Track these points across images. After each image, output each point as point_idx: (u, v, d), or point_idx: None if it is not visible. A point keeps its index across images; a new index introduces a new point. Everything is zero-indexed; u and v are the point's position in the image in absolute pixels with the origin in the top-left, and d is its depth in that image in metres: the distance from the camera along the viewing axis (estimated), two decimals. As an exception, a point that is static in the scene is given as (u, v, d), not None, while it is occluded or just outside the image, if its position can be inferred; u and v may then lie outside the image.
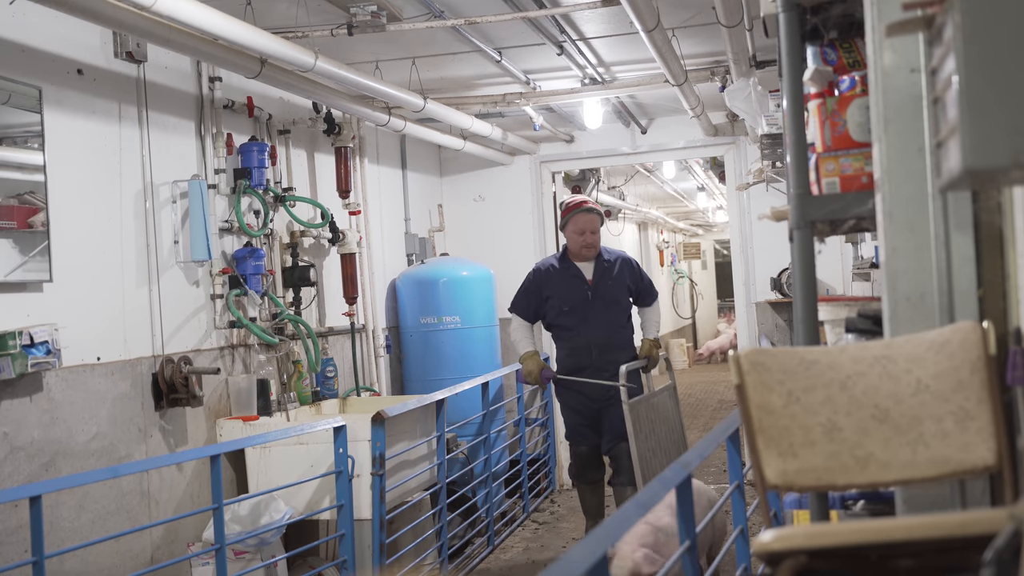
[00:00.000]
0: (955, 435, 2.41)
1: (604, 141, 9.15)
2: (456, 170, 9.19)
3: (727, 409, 12.05)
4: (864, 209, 2.73)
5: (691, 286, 21.68)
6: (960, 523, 2.10)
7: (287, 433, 5.05)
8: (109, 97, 4.85)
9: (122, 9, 4.03)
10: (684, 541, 2.76)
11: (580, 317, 6.31)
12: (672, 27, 5.87)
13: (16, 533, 4.08)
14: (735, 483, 3.49)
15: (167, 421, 5.09)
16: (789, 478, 2.48)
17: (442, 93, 7.37)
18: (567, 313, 6.33)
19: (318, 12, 5.29)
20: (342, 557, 5.07)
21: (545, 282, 6.41)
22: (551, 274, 6.42)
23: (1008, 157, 1.81)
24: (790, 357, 2.55)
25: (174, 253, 5.24)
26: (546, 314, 6.42)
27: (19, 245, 4.27)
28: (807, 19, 3.06)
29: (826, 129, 2.83)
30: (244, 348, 5.76)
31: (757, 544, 2.17)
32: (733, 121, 8.64)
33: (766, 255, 8.67)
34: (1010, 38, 1.82)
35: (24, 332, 4.07)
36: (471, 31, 5.83)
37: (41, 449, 4.28)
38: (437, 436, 6.11)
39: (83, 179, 4.66)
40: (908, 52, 2.55)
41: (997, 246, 2.52)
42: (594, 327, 6.30)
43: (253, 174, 5.71)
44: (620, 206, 13.24)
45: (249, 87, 5.84)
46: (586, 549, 1.95)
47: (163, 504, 5.01)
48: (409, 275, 7.80)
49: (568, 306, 6.32)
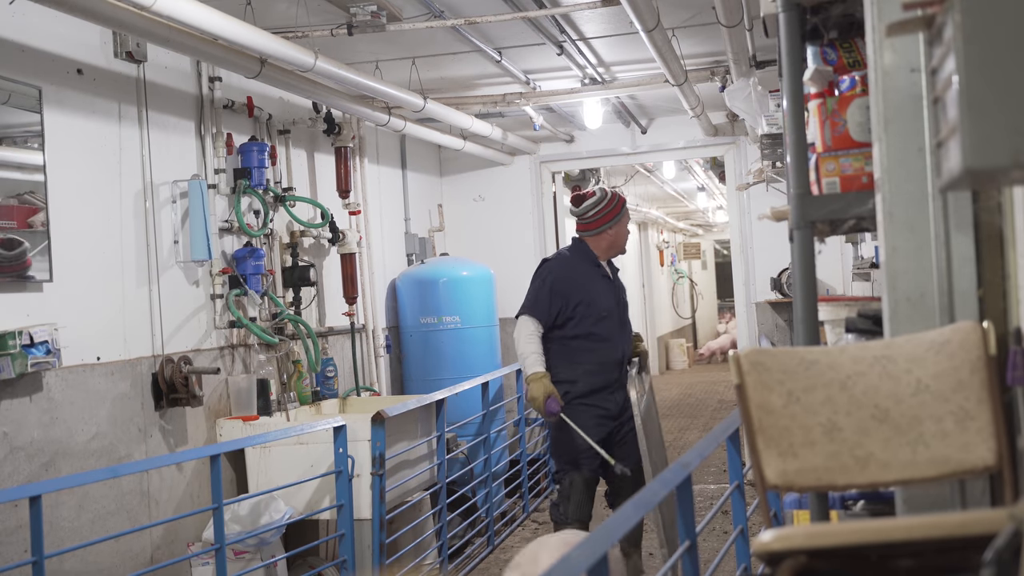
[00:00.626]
0: (955, 435, 2.41)
1: (604, 141, 9.15)
2: (456, 170, 9.20)
3: (727, 409, 12.04)
4: (864, 209, 2.73)
5: (691, 286, 21.69)
6: (960, 523, 2.10)
7: (287, 433, 5.06)
8: (109, 97, 4.85)
9: (122, 9, 4.03)
10: (684, 541, 2.76)
11: (614, 326, 5.32)
12: (672, 27, 5.87)
13: (16, 533, 4.08)
14: (735, 483, 3.49)
15: (167, 421, 5.09)
16: (789, 478, 2.48)
17: (442, 93, 7.37)
18: (603, 321, 5.26)
19: (318, 12, 5.29)
20: (342, 557, 5.07)
21: (573, 282, 5.27)
22: (580, 274, 5.30)
23: (1008, 157, 1.81)
24: (790, 357, 2.55)
25: (174, 253, 5.24)
26: (569, 322, 5.23)
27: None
28: (807, 19, 3.06)
29: (826, 129, 2.83)
30: (244, 348, 5.76)
31: (757, 544, 2.17)
32: (733, 121, 8.64)
33: (766, 255, 8.68)
34: (1010, 38, 1.82)
35: (24, 332, 4.07)
36: (471, 31, 5.83)
37: (41, 449, 4.28)
38: (437, 436, 6.11)
39: (83, 179, 4.66)
40: (908, 52, 2.55)
41: (997, 246, 2.52)
42: (624, 337, 5.38)
43: (253, 174, 5.72)
44: (620, 206, 13.22)
45: (249, 87, 5.84)
46: (586, 549, 1.95)
47: (163, 504, 5.01)
48: (409, 275, 7.80)
49: (606, 312, 5.27)
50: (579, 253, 5.36)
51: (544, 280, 5.26)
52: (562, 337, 5.22)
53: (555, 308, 5.20)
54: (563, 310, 5.21)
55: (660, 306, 18.15)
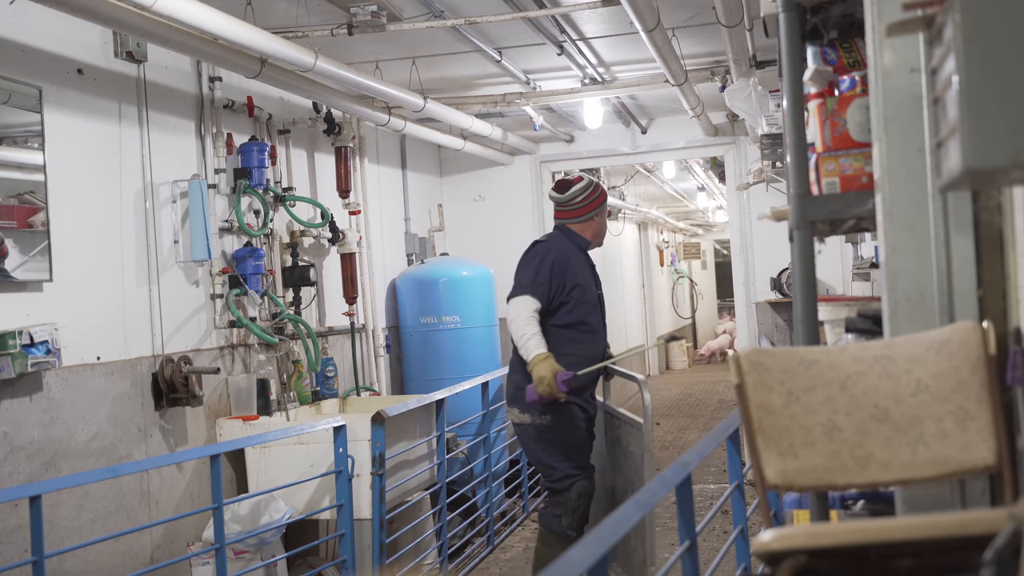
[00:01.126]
0: (955, 435, 2.41)
1: (604, 141, 9.16)
2: (456, 170, 9.20)
3: (727, 409, 12.05)
4: (864, 209, 2.73)
5: (691, 286, 21.69)
6: (960, 523, 2.10)
7: (287, 433, 5.06)
8: (109, 97, 4.85)
9: (122, 9, 4.03)
10: (684, 541, 2.76)
11: (600, 319, 5.05)
12: (672, 27, 5.87)
13: (16, 533, 4.08)
14: (735, 483, 3.49)
15: (167, 421, 5.09)
16: (789, 478, 2.48)
17: (442, 93, 7.38)
18: (593, 311, 4.96)
19: (318, 12, 5.29)
20: (342, 557, 5.07)
21: (569, 265, 4.92)
22: (574, 258, 4.98)
23: (1008, 157, 1.81)
24: (790, 357, 2.55)
25: (174, 253, 5.24)
26: (562, 308, 4.88)
27: (19, 245, 4.27)
28: (807, 19, 3.06)
29: (826, 129, 2.83)
30: (244, 348, 5.76)
31: (757, 544, 2.17)
32: (733, 121, 8.64)
33: (766, 255, 8.68)
34: (1010, 38, 1.82)
35: (24, 332, 4.07)
36: (471, 31, 5.83)
37: (41, 449, 4.28)
38: (437, 436, 6.11)
39: (83, 179, 4.66)
40: (908, 52, 2.55)
41: (997, 246, 2.52)
42: (606, 330, 5.13)
43: (253, 174, 5.72)
44: (620, 206, 13.25)
45: (249, 87, 5.84)
46: (586, 549, 1.95)
47: (163, 504, 5.01)
48: (409, 275, 7.80)
49: (595, 302, 4.99)
50: (569, 238, 5.05)
51: (543, 258, 4.88)
52: (553, 324, 4.86)
53: (554, 288, 4.85)
54: (559, 292, 4.86)
55: (660, 306, 18.15)
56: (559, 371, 4.69)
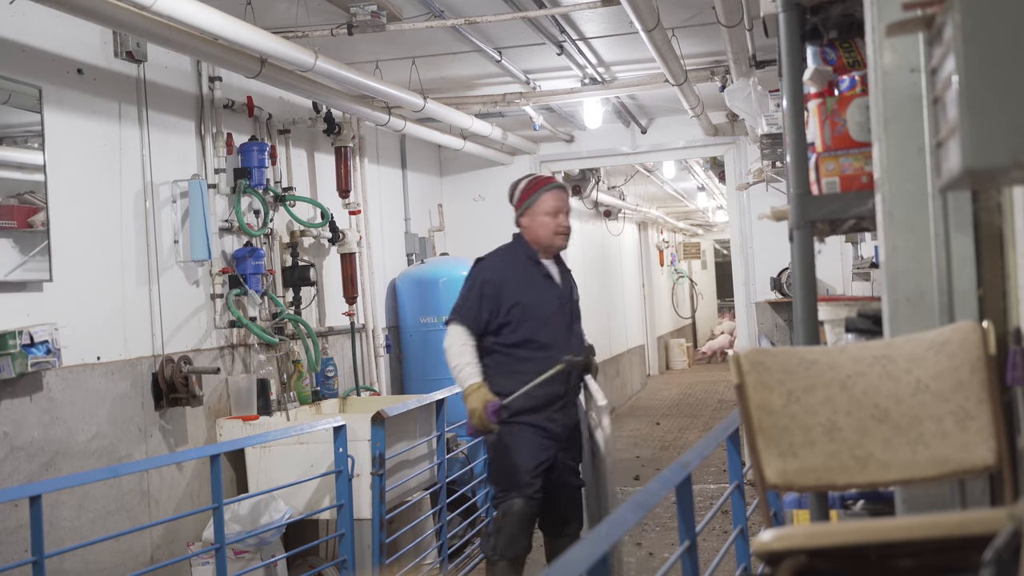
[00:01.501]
0: (955, 435, 2.41)
1: (604, 141, 9.16)
2: (456, 170, 9.20)
3: (727, 409, 12.04)
4: (864, 209, 2.73)
5: (691, 286, 21.69)
6: (960, 523, 2.10)
7: (287, 433, 5.06)
8: (109, 97, 4.85)
9: (122, 9, 4.03)
10: (684, 541, 2.76)
11: (558, 331, 4.70)
12: (672, 27, 5.87)
13: (16, 533, 4.08)
14: (735, 483, 3.49)
15: (167, 421, 5.09)
16: (789, 478, 2.48)
17: (442, 93, 7.37)
18: (544, 326, 4.66)
19: (318, 12, 5.29)
20: (342, 557, 5.07)
21: (508, 284, 4.68)
22: (515, 273, 4.72)
23: (1008, 157, 1.81)
24: (790, 357, 2.55)
25: (174, 253, 5.24)
26: (504, 328, 4.65)
27: (19, 245, 4.27)
28: (807, 19, 3.06)
29: (826, 129, 2.83)
30: (244, 348, 5.76)
31: (757, 544, 2.17)
32: (733, 121, 8.64)
33: (766, 255, 8.68)
34: (1010, 38, 1.82)
35: (24, 332, 4.07)
36: (471, 31, 5.83)
37: (41, 449, 4.28)
38: (437, 436, 6.11)
39: (83, 179, 4.66)
40: (908, 52, 2.55)
41: (997, 246, 2.52)
42: (571, 344, 4.73)
43: (253, 174, 5.72)
44: (620, 206, 13.25)
45: (249, 87, 5.84)
46: (586, 549, 1.94)
47: (163, 504, 5.01)
48: (409, 275, 7.80)
49: (546, 316, 4.68)
50: (517, 250, 4.82)
51: (474, 282, 4.72)
52: (498, 344, 4.66)
53: (485, 313, 4.63)
54: (494, 314, 4.63)
55: (660, 306, 18.15)
56: (491, 401, 4.54)
